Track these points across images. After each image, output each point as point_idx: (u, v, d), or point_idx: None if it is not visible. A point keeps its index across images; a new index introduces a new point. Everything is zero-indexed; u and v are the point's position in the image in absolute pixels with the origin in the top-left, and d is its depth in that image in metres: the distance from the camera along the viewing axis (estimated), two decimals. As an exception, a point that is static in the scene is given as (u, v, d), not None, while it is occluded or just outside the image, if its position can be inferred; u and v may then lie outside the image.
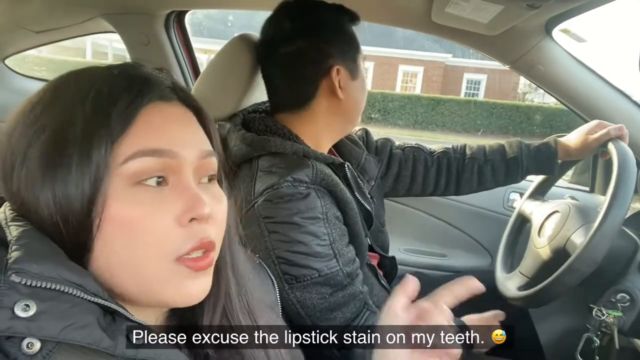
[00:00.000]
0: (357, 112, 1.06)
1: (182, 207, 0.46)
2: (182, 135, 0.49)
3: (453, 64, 20.99)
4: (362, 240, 1.03)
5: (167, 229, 0.46)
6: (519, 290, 1.13)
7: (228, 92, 1.13)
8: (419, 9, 1.23)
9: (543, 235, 1.16)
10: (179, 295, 0.47)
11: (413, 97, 18.43)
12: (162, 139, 0.47)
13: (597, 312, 0.97)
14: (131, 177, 0.45)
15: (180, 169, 0.48)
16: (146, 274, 0.46)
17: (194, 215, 0.46)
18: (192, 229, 0.47)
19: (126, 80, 0.49)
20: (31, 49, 1.97)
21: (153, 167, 0.46)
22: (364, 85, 1.05)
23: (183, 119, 0.51)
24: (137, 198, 0.45)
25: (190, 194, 0.47)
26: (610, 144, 1.08)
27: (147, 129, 0.47)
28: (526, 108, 17.91)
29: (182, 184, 0.47)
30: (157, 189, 0.46)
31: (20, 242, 0.42)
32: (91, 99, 0.46)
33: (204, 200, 0.47)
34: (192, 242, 0.47)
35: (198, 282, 0.48)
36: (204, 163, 0.50)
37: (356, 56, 1.02)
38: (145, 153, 0.46)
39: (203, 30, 16.82)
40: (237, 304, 0.56)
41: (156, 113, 0.48)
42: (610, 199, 0.94)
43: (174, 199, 0.46)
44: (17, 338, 0.38)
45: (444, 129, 17.51)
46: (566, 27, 1.28)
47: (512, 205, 1.70)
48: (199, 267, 0.47)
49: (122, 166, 0.45)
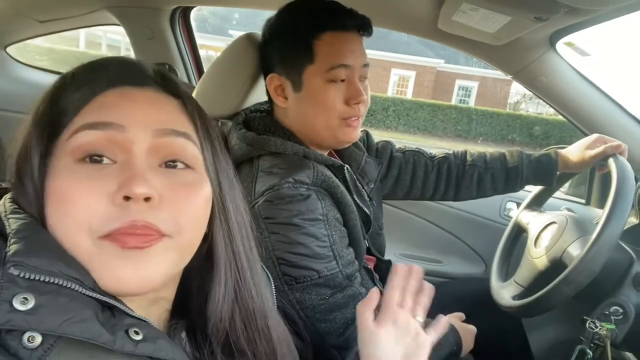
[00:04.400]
0: (312, 126, 1.00)
1: (117, 185, 0.44)
2: (137, 112, 0.47)
3: (445, 69, 21.07)
4: (360, 243, 1.03)
5: (95, 204, 0.43)
6: (513, 299, 1.14)
7: (231, 90, 1.13)
8: (425, 16, 1.24)
9: (539, 245, 1.17)
10: (109, 279, 0.44)
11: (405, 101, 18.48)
12: (111, 114, 0.46)
13: (590, 324, 0.97)
14: (76, 152, 0.45)
15: (130, 145, 0.46)
16: (75, 251, 0.44)
17: (125, 192, 0.43)
18: (125, 209, 0.44)
19: (87, 66, 0.50)
20: (33, 38, 1.96)
21: (97, 141, 0.45)
22: (314, 101, 0.97)
23: (149, 101, 0.49)
24: (74, 173, 0.44)
25: (130, 172, 0.45)
26: (610, 158, 1.09)
27: (99, 108, 0.47)
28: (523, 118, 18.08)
29: (129, 162, 0.46)
30: (99, 166, 0.45)
31: (19, 235, 0.42)
32: (56, 87, 0.49)
33: (143, 180, 0.44)
34: (119, 222, 0.43)
35: (132, 264, 0.44)
36: (163, 142, 0.48)
37: (303, 68, 0.96)
38: (90, 126, 0.45)
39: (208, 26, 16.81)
40: (256, 307, 0.56)
41: (115, 95, 0.48)
42: (608, 212, 0.95)
43: (113, 177, 0.44)
44: (18, 332, 0.38)
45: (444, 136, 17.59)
46: (570, 41, 1.29)
47: (508, 214, 1.72)
48: (129, 244, 0.43)
49: (67, 141, 0.45)
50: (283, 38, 0.99)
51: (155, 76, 0.52)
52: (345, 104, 0.98)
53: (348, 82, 0.97)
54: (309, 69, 0.96)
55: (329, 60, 0.95)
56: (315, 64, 0.96)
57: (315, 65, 0.96)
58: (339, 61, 0.96)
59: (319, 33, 0.96)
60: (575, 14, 0.99)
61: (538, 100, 1.99)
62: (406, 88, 21.21)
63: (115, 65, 0.50)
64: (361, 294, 0.96)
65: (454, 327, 1.08)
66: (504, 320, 1.21)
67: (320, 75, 0.96)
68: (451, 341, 1.05)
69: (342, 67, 0.96)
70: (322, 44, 0.96)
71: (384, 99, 17.93)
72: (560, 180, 1.31)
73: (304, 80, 0.97)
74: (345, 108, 0.98)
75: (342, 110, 0.98)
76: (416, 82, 21.08)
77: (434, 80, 21.12)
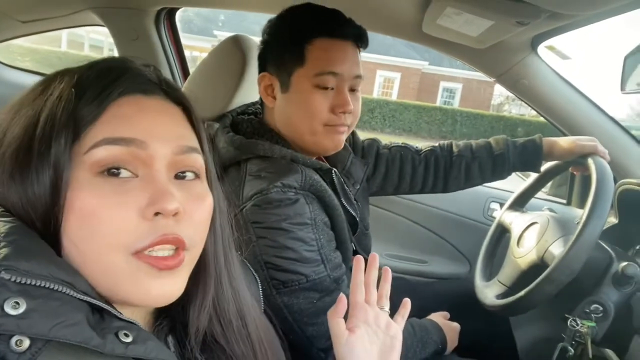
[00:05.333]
0: (295, 129, 1.00)
1: (147, 200, 0.45)
2: (156, 127, 0.48)
3: (430, 71, 21.22)
4: (348, 246, 1.04)
5: (127, 220, 0.44)
6: (497, 298, 1.15)
7: (218, 92, 1.13)
8: (410, 19, 1.25)
9: (522, 245, 1.19)
10: (137, 293, 0.45)
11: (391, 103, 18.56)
12: (131, 129, 0.46)
13: (571, 322, 0.99)
14: (95, 166, 0.44)
15: (151, 161, 0.46)
16: (104, 267, 0.44)
17: (157, 208, 0.44)
18: (155, 224, 0.45)
19: (98, 72, 0.48)
20: (15, 39, 1.93)
21: (119, 156, 0.45)
22: (299, 103, 0.97)
23: (162, 112, 0.50)
24: (99, 188, 0.44)
25: (157, 187, 0.45)
26: (590, 159, 1.11)
27: (117, 119, 0.46)
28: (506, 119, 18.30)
29: (151, 176, 0.46)
30: (122, 180, 0.45)
31: (8, 239, 0.41)
32: (61, 93, 0.46)
33: (172, 195, 0.45)
34: (152, 237, 0.44)
35: (161, 282, 0.46)
36: (181, 159, 0.49)
37: (293, 70, 0.96)
38: (111, 141, 0.45)
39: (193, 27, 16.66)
40: (231, 309, 0.56)
41: (130, 105, 0.47)
42: (588, 212, 0.97)
43: (140, 192, 0.45)
44: (6, 335, 0.38)
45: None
46: (551, 44, 1.31)
47: (492, 214, 1.74)
48: (164, 266, 0.45)
49: (85, 155, 0.44)
50: (279, 39, 0.99)
51: (160, 82, 0.52)
52: (331, 111, 0.97)
53: (337, 90, 0.97)
54: (298, 71, 0.96)
55: (318, 65, 0.95)
56: (305, 67, 0.96)
57: (304, 69, 0.96)
58: (328, 68, 0.95)
59: (312, 38, 0.96)
60: (556, 18, 1.01)
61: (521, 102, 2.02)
62: (391, 90, 21.33)
63: (128, 72, 0.49)
64: (348, 296, 0.97)
65: (438, 326, 1.10)
66: (488, 319, 1.23)
67: (309, 79, 0.95)
68: (436, 340, 1.07)
69: (331, 74, 0.95)
70: (314, 48, 0.96)
71: (369, 101, 17.97)
72: (542, 180, 1.34)
73: (292, 82, 0.97)
74: (330, 116, 0.97)
75: (327, 117, 0.97)
76: (401, 83, 21.21)
77: (418, 82, 21.27)
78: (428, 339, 1.06)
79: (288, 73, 0.97)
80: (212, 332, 0.55)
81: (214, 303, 0.55)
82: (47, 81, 0.49)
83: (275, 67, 0.99)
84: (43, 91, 0.48)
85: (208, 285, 0.54)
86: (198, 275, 0.53)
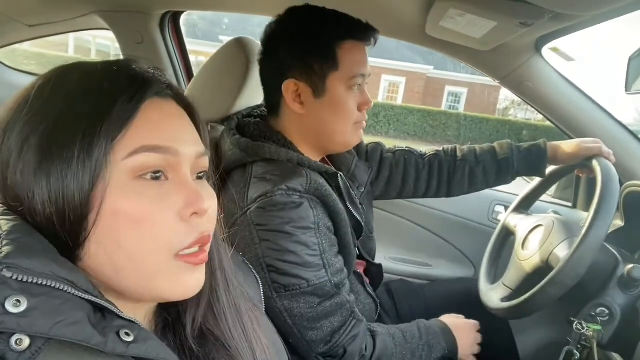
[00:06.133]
0: (327, 132, 1.01)
1: (183, 202, 0.48)
2: (181, 133, 0.51)
3: (435, 76, 21.21)
4: (351, 250, 1.03)
5: (171, 222, 0.47)
6: (502, 301, 1.14)
7: (221, 94, 1.13)
8: (413, 21, 1.25)
9: (527, 248, 1.18)
10: (177, 288, 0.49)
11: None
12: (163, 136, 0.48)
13: (577, 325, 0.98)
14: (133, 172, 0.46)
15: (179, 165, 0.49)
16: (148, 268, 0.47)
17: (195, 209, 0.48)
18: (192, 224, 0.48)
19: (127, 76, 0.49)
20: (22, 42, 1.94)
21: (155, 162, 0.47)
22: (336, 107, 0.99)
23: (181, 116, 0.52)
24: (140, 192, 0.46)
25: (190, 189, 0.49)
26: (595, 161, 1.10)
27: (148, 125, 0.47)
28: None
29: (181, 179, 0.49)
30: (158, 183, 0.47)
31: (10, 237, 0.41)
32: (93, 95, 0.46)
33: (203, 195, 0.49)
34: (193, 236, 0.48)
35: (195, 275, 0.50)
36: (200, 161, 0.52)
37: (327, 75, 0.97)
38: (149, 149, 0.46)
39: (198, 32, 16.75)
40: (225, 299, 0.57)
41: (154, 109, 0.49)
42: (593, 214, 0.96)
43: (175, 194, 0.48)
44: (6, 334, 0.38)
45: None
46: (556, 46, 1.31)
47: (496, 217, 1.73)
48: (198, 262, 0.49)
49: (124, 161, 0.45)
50: (301, 42, 0.97)
51: (169, 85, 0.53)
52: (358, 109, 1.02)
53: (360, 89, 1.01)
54: (333, 75, 0.97)
55: (352, 68, 0.98)
56: (340, 71, 0.97)
57: (339, 72, 0.97)
58: (360, 70, 0.99)
59: (342, 41, 0.97)
60: (560, 19, 1.00)
61: (526, 107, 2.03)
62: (396, 94, 21.30)
63: (148, 76, 0.51)
64: (349, 301, 0.96)
65: (447, 329, 1.07)
66: (492, 322, 1.22)
67: (344, 82, 0.98)
68: (443, 345, 1.04)
69: (361, 76, 1.00)
70: (345, 52, 0.97)
71: (374, 105, 17.82)
72: (547, 183, 1.33)
73: (328, 87, 0.97)
74: (358, 114, 1.02)
75: (356, 116, 1.02)
76: (406, 88, 21.17)
77: (423, 86, 21.24)
78: (435, 343, 1.04)
79: (320, 78, 0.97)
80: (208, 325, 0.56)
81: (209, 295, 0.56)
82: (60, 78, 0.48)
83: (303, 73, 0.97)
84: (60, 90, 0.47)
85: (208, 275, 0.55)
86: None
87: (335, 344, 0.93)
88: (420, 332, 1.04)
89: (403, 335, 1.02)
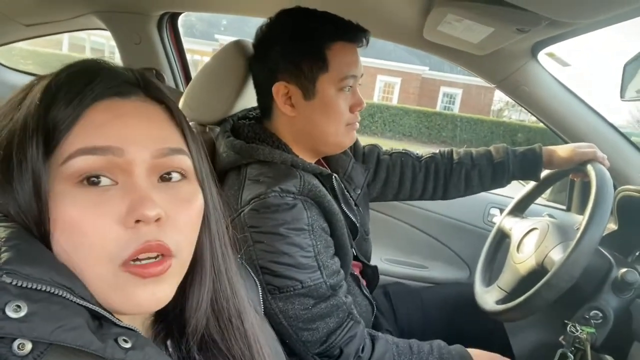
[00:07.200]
0: (319, 133, 1.01)
1: (126, 208, 0.44)
2: (132, 132, 0.47)
3: (430, 76, 21.25)
4: (348, 251, 1.04)
5: (107, 231, 0.44)
6: (497, 303, 1.15)
7: (220, 97, 1.13)
8: (411, 25, 1.26)
9: (522, 251, 1.19)
10: (127, 303, 0.45)
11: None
12: (105, 137, 0.45)
13: (571, 328, 0.99)
14: (73, 177, 0.44)
15: (130, 167, 0.45)
16: (91, 279, 0.44)
17: (137, 216, 0.44)
18: (137, 231, 0.44)
19: (69, 77, 0.47)
20: (18, 42, 1.94)
21: (95, 165, 0.44)
22: (326, 109, 0.99)
23: (139, 115, 0.48)
24: (78, 199, 0.44)
25: (136, 194, 0.45)
26: (589, 165, 1.12)
27: (91, 127, 0.45)
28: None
29: (131, 183, 0.45)
30: (102, 189, 0.45)
31: (9, 243, 0.41)
32: (37, 101, 0.45)
33: (152, 201, 0.45)
34: (135, 245, 0.44)
35: (148, 289, 0.46)
36: (162, 161, 0.48)
37: (317, 77, 0.97)
38: (86, 151, 0.44)
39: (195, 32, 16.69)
40: (228, 308, 0.56)
41: (105, 110, 0.46)
42: (588, 219, 0.97)
43: (119, 200, 0.44)
44: (8, 339, 0.38)
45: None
46: (551, 51, 1.32)
47: (492, 220, 1.74)
48: (148, 274, 0.45)
49: (62, 166, 0.44)
50: (291, 44, 0.98)
51: (138, 82, 0.51)
52: (350, 111, 1.01)
53: (352, 91, 1.01)
54: (323, 77, 0.97)
55: (342, 70, 0.98)
56: (330, 72, 0.97)
57: (329, 74, 0.97)
58: (350, 72, 0.98)
59: (332, 42, 0.97)
60: (556, 26, 1.01)
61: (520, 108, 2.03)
62: (392, 94, 21.34)
63: (100, 75, 0.48)
64: (345, 303, 0.96)
65: (465, 354, 1.01)
66: (487, 324, 1.23)
67: (334, 84, 0.98)
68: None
69: (352, 77, 0.99)
70: (334, 54, 0.97)
71: (370, 106, 17.99)
72: (542, 186, 1.34)
73: (318, 89, 0.97)
74: (350, 115, 1.02)
75: (348, 117, 1.01)
76: (402, 88, 21.21)
77: (419, 87, 21.28)
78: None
79: (310, 80, 0.97)
80: (210, 332, 0.54)
81: (212, 302, 0.55)
82: (29, 86, 0.49)
83: (293, 75, 0.97)
84: (25, 97, 0.47)
85: (204, 285, 0.54)
86: (194, 274, 0.53)
87: (331, 345, 0.93)
88: (431, 346, 1.00)
89: (409, 345, 0.99)
